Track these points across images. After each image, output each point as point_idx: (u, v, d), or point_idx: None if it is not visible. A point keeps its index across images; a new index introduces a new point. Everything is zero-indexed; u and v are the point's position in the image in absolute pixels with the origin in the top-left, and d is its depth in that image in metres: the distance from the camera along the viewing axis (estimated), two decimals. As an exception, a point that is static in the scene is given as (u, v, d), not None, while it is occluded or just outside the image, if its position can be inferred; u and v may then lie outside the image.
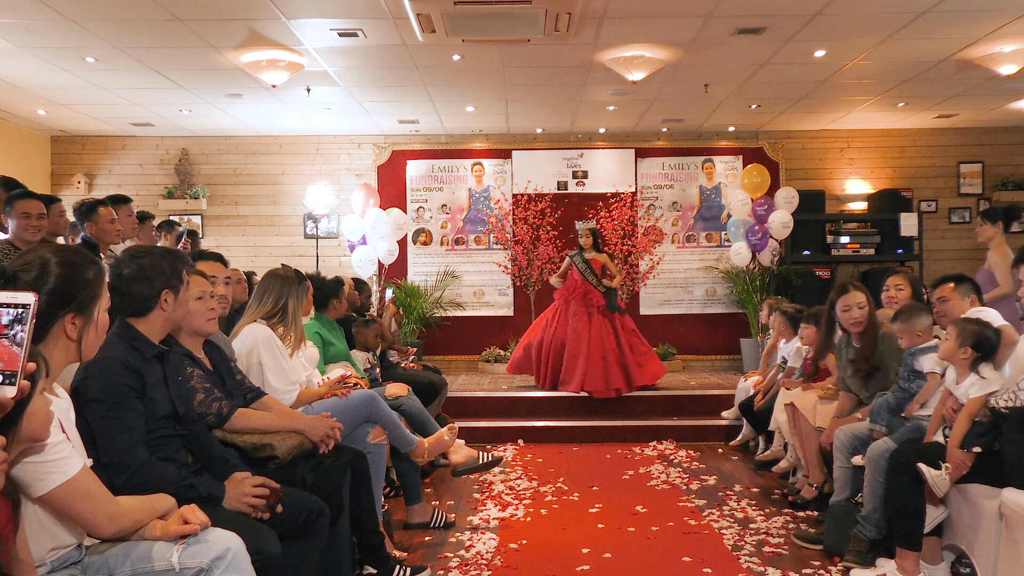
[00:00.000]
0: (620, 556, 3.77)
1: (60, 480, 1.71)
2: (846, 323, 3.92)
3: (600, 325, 7.02)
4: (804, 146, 9.50)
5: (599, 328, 7.00)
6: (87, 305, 1.85)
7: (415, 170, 9.48)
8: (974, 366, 3.14)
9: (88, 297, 1.85)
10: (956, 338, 3.18)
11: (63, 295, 1.81)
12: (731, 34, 5.97)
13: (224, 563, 1.88)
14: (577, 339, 6.98)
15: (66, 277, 1.81)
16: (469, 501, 4.78)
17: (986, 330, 3.17)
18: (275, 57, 6.34)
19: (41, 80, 7.05)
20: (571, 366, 6.95)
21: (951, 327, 3.25)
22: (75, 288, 1.82)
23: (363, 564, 3.30)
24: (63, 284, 1.81)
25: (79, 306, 1.83)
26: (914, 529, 3.20)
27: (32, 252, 1.84)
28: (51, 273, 1.80)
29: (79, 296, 1.83)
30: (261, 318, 3.58)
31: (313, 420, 3.01)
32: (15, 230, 4.18)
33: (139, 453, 2.18)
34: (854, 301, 3.88)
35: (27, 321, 1.40)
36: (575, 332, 7.00)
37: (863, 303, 3.87)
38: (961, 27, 5.89)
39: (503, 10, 5.21)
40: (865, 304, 3.88)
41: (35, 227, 4.20)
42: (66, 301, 1.81)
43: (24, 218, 4.17)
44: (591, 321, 7.03)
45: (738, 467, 5.67)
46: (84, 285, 1.84)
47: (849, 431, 3.77)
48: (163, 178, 9.43)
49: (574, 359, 6.95)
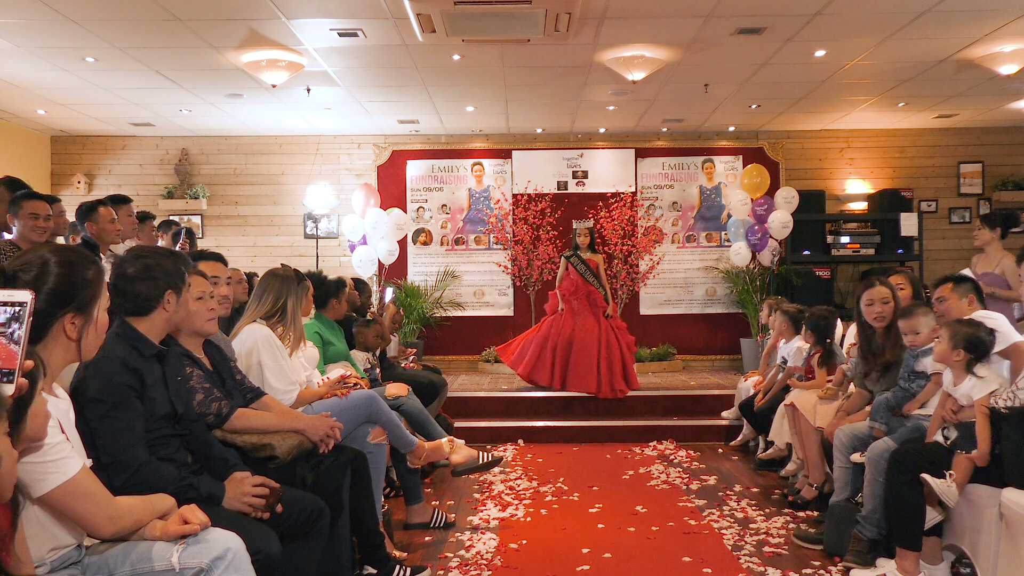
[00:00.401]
0: (620, 556, 3.77)
1: (59, 480, 1.71)
2: (868, 317, 3.90)
3: (606, 327, 7.01)
4: (804, 146, 9.50)
5: (606, 330, 6.98)
6: (86, 305, 1.85)
7: (415, 170, 9.48)
8: (968, 367, 3.14)
9: (87, 297, 1.85)
10: (948, 340, 3.19)
11: (62, 295, 1.81)
12: (731, 34, 5.97)
13: (224, 563, 1.88)
14: (586, 339, 6.91)
15: (65, 277, 1.82)
16: (469, 501, 4.78)
17: (978, 331, 3.17)
18: (275, 57, 6.34)
19: (41, 80, 7.05)
20: (583, 368, 6.86)
21: (943, 330, 3.26)
22: (74, 288, 1.83)
23: (363, 564, 3.30)
24: (62, 283, 1.81)
25: (78, 306, 1.83)
26: (914, 529, 3.20)
27: (31, 252, 1.84)
28: (50, 273, 1.80)
29: (78, 296, 1.83)
30: (261, 318, 3.58)
31: (313, 420, 3.01)
32: (21, 230, 4.17)
33: (139, 453, 2.18)
34: (878, 296, 3.87)
35: (24, 319, 1.41)
36: (584, 331, 6.93)
37: (887, 298, 3.86)
38: (961, 27, 5.89)
39: (503, 10, 5.21)
40: (889, 300, 3.86)
41: (43, 228, 4.19)
42: (65, 300, 1.81)
43: (32, 219, 4.16)
44: (599, 322, 6.98)
45: (738, 467, 5.67)
46: (83, 285, 1.84)
47: (849, 431, 3.77)
48: (163, 178, 9.43)
49: (587, 361, 6.87)
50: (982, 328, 3.19)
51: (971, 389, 3.11)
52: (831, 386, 4.52)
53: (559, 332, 6.99)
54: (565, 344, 6.96)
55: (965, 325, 3.22)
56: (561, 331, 6.99)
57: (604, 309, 7.04)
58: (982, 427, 3.03)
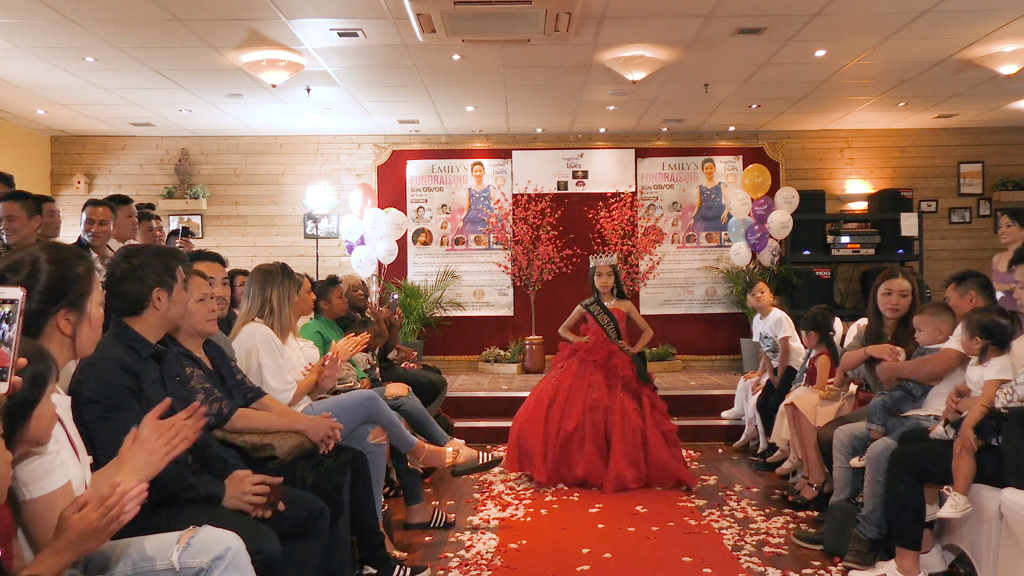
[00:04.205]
0: (620, 556, 3.77)
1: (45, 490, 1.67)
2: (883, 306, 3.87)
3: (623, 403, 5.08)
4: (804, 146, 9.50)
5: (621, 406, 5.07)
6: (78, 300, 1.88)
7: (415, 170, 9.48)
8: (985, 353, 3.12)
9: (79, 292, 1.88)
10: (965, 331, 3.20)
11: (54, 291, 1.84)
12: (731, 34, 5.97)
13: (224, 563, 1.88)
14: (595, 416, 5.08)
15: (56, 273, 1.85)
16: (469, 501, 4.78)
17: (991, 316, 3.15)
18: (275, 57, 6.34)
19: (41, 80, 7.05)
20: (577, 450, 5.04)
21: (960, 324, 3.27)
22: (65, 283, 1.85)
23: (363, 564, 3.30)
24: (54, 280, 1.84)
25: (71, 301, 1.86)
26: (914, 529, 3.20)
27: (21, 251, 1.88)
28: (41, 270, 1.83)
29: (70, 291, 1.86)
30: (256, 316, 3.58)
31: (313, 420, 3.01)
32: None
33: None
34: (897, 287, 3.84)
35: (15, 317, 1.41)
36: (594, 406, 5.10)
37: (906, 291, 3.83)
38: (961, 27, 5.89)
39: (503, 10, 5.21)
40: (908, 293, 3.83)
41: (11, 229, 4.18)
42: (57, 297, 1.84)
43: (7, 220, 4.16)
44: (612, 394, 5.12)
45: (738, 467, 5.67)
46: (74, 280, 1.87)
47: (849, 431, 3.77)
48: (163, 178, 9.43)
49: (585, 443, 5.05)
50: (996, 312, 3.18)
51: (983, 375, 3.09)
52: (832, 386, 4.53)
53: (559, 421, 5.10)
54: (564, 438, 5.07)
55: (978, 313, 3.22)
56: (562, 420, 5.09)
57: (627, 379, 5.16)
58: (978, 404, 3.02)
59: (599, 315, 5.34)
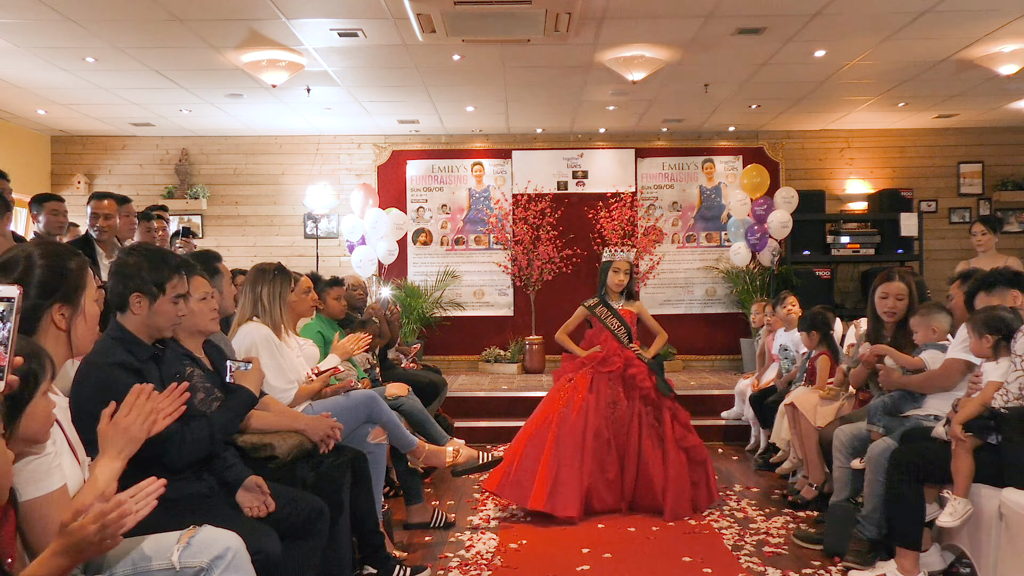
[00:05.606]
0: (620, 556, 3.77)
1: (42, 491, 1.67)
2: (880, 309, 3.87)
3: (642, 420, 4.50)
4: (804, 146, 9.50)
5: (639, 424, 4.49)
6: (72, 294, 1.90)
7: (415, 170, 9.48)
8: (998, 349, 3.10)
9: (72, 287, 1.90)
10: (973, 331, 3.18)
11: (48, 286, 1.86)
12: (731, 34, 5.97)
13: (224, 563, 1.88)
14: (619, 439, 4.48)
15: (50, 268, 1.87)
16: (469, 501, 4.78)
17: (996, 311, 3.15)
18: (275, 57, 6.34)
19: (41, 80, 7.05)
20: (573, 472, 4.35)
21: (966, 329, 3.25)
22: (59, 278, 1.88)
23: (363, 564, 3.30)
24: (48, 275, 1.86)
25: (64, 296, 1.88)
26: (914, 529, 3.19)
27: (14, 249, 1.91)
28: (35, 266, 1.86)
29: (63, 286, 1.88)
30: (253, 316, 3.58)
31: (313, 420, 3.02)
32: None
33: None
34: (894, 290, 3.84)
35: (11, 315, 1.41)
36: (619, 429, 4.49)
37: (902, 295, 3.83)
38: (961, 27, 5.89)
39: (503, 10, 5.21)
40: (904, 296, 3.82)
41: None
42: (51, 291, 1.86)
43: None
44: (631, 406, 4.51)
45: (738, 467, 5.67)
46: (67, 274, 1.89)
47: (849, 431, 3.77)
48: (163, 178, 9.43)
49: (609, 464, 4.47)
50: (1002, 308, 3.18)
51: (992, 372, 3.08)
52: (832, 386, 4.52)
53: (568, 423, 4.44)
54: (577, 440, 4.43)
55: (982, 311, 3.21)
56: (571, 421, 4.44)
57: (646, 391, 4.54)
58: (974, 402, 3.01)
59: (607, 318, 4.74)
